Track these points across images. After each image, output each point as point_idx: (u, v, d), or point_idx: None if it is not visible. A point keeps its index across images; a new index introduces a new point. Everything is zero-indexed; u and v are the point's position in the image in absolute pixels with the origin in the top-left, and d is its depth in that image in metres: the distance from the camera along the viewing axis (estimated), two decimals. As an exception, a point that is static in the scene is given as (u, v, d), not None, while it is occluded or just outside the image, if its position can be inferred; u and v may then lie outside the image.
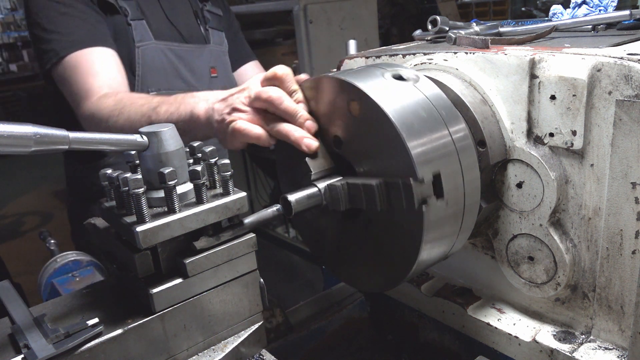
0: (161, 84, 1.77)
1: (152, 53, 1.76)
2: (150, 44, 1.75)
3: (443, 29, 1.20)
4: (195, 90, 1.81)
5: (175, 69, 1.82)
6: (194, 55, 1.89)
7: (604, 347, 0.91)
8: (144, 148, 0.84)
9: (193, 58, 1.89)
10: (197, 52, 1.91)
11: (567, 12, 1.26)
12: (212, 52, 1.97)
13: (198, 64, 1.90)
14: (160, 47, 1.78)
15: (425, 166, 0.79)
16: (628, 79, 0.79)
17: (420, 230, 0.80)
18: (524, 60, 0.89)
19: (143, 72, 1.73)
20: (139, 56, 1.72)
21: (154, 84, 1.75)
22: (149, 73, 1.74)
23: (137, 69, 1.71)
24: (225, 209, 0.86)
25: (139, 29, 1.73)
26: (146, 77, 1.74)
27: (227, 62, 2.05)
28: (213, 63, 1.97)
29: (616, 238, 0.86)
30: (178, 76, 1.82)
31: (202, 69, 1.92)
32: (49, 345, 0.76)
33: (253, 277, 0.94)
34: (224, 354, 0.91)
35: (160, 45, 1.78)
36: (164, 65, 1.79)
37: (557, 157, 0.91)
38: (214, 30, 2.02)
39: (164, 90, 1.76)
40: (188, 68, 1.86)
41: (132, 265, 0.83)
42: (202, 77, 1.91)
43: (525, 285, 0.99)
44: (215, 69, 1.96)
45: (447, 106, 0.85)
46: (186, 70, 1.85)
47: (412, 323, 1.23)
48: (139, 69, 1.72)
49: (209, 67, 1.94)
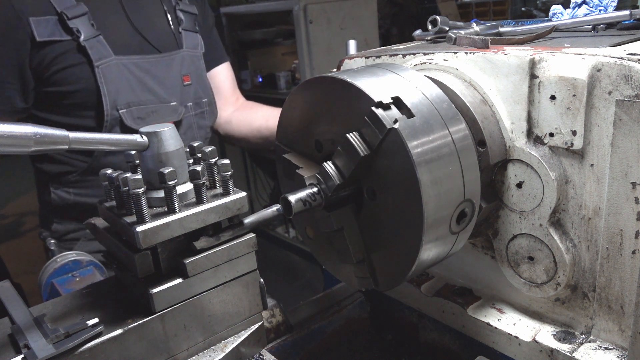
0: (130, 99, 1.71)
1: (114, 70, 1.68)
2: (111, 61, 1.67)
3: (443, 29, 1.20)
4: (166, 102, 1.80)
5: (142, 82, 1.75)
6: (162, 65, 1.82)
7: (604, 347, 0.91)
8: (144, 148, 0.85)
9: (162, 68, 1.81)
10: (167, 60, 1.83)
11: (567, 12, 1.26)
12: (184, 58, 1.89)
13: (168, 74, 1.83)
14: (122, 62, 1.70)
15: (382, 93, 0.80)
16: (628, 79, 0.79)
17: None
18: (524, 60, 0.89)
19: (108, 90, 1.67)
20: (101, 75, 1.65)
21: (122, 101, 1.69)
22: (115, 91, 1.68)
23: (102, 89, 1.65)
24: (225, 209, 0.86)
25: (96, 47, 1.65)
26: (113, 95, 1.67)
27: (201, 67, 1.97)
28: (186, 70, 1.89)
29: (616, 238, 0.86)
30: (146, 89, 1.76)
31: (173, 78, 1.84)
32: (49, 345, 0.76)
33: (253, 277, 0.94)
34: (224, 354, 0.91)
35: (122, 60, 1.70)
36: (129, 81, 1.72)
37: (557, 157, 0.91)
38: (187, 33, 1.94)
39: (134, 107, 1.71)
40: (156, 80, 1.78)
41: (132, 265, 0.83)
42: (173, 87, 1.84)
43: (525, 285, 1.00)
44: (188, 76, 1.89)
45: (447, 106, 0.86)
46: (154, 82, 1.78)
47: (412, 323, 1.23)
48: (104, 88, 1.65)
49: (180, 75, 1.87)
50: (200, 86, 1.95)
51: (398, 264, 0.87)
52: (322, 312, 1.26)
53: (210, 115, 2.01)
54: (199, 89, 1.94)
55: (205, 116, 1.98)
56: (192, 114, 1.91)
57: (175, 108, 1.82)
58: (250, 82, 5.19)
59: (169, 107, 1.80)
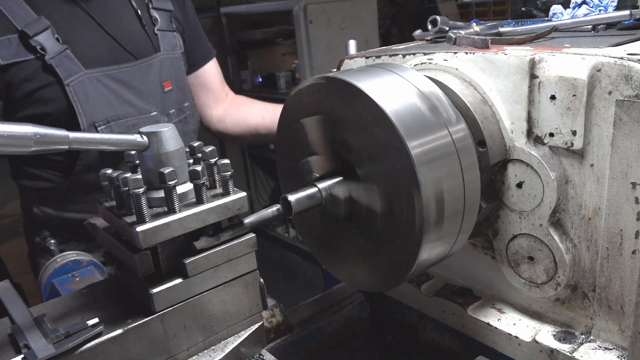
0: (107, 114, 1.58)
1: (87, 85, 1.54)
2: (82, 77, 1.54)
3: (443, 29, 1.20)
4: (146, 112, 1.67)
5: (118, 95, 1.61)
6: (139, 73, 1.67)
7: (604, 347, 0.91)
8: (144, 148, 0.85)
9: (139, 76, 1.67)
10: (144, 67, 1.69)
11: (567, 12, 1.26)
12: (163, 62, 1.75)
13: (146, 82, 1.69)
14: (94, 76, 1.56)
15: (428, 178, 0.79)
16: (628, 79, 0.79)
17: (418, 244, 0.81)
18: (524, 60, 0.89)
19: (83, 107, 1.53)
20: (72, 92, 1.51)
21: (99, 117, 1.56)
22: (90, 107, 1.55)
23: (76, 106, 1.52)
24: (225, 209, 0.86)
25: (64, 63, 1.51)
26: (88, 112, 1.55)
27: (180, 70, 1.84)
28: (165, 75, 1.75)
29: (616, 238, 0.86)
30: (124, 102, 1.62)
31: (152, 86, 1.70)
32: (49, 345, 0.76)
33: (253, 277, 0.94)
34: (224, 354, 0.91)
35: (94, 74, 1.56)
36: (105, 95, 1.58)
37: (557, 157, 0.91)
38: (164, 33, 1.78)
39: (113, 122, 1.59)
40: (134, 91, 1.65)
41: (132, 265, 0.83)
42: (153, 95, 1.70)
43: (525, 285, 1.00)
44: (168, 82, 1.75)
45: (447, 106, 0.86)
46: (131, 94, 1.64)
47: (412, 323, 1.23)
48: (77, 106, 1.52)
49: (160, 81, 1.73)
50: (181, 90, 1.83)
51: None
52: (322, 312, 1.26)
53: (192, 118, 1.90)
54: (180, 94, 1.82)
55: (189, 120, 1.88)
56: (175, 121, 1.79)
57: (156, 118, 1.70)
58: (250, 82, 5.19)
59: (149, 117, 1.68)
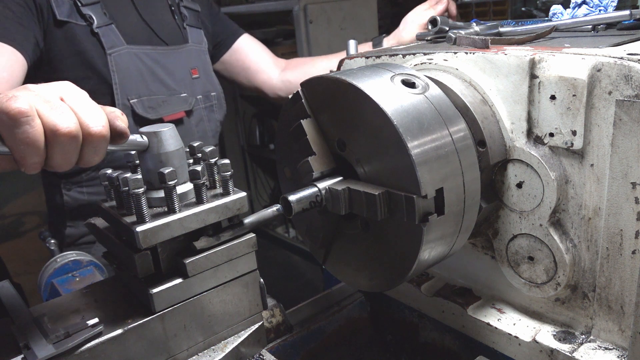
0: (141, 90, 1.71)
1: (126, 59, 1.68)
2: (123, 50, 1.67)
3: (443, 29, 1.21)
4: (177, 94, 1.80)
5: (154, 73, 1.75)
6: (172, 57, 1.83)
7: (604, 347, 0.91)
8: (144, 148, 0.85)
9: (171, 60, 1.82)
10: (176, 53, 1.84)
11: (567, 12, 1.26)
12: (191, 52, 1.90)
13: (177, 66, 1.84)
14: (134, 52, 1.70)
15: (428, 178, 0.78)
16: (628, 79, 0.79)
17: (418, 244, 0.81)
18: (524, 60, 0.89)
19: (120, 79, 1.66)
20: (112, 63, 1.64)
21: (133, 91, 1.69)
22: (126, 80, 1.67)
23: (113, 77, 1.65)
24: (225, 209, 0.86)
25: (108, 35, 1.65)
26: (124, 85, 1.67)
27: (207, 62, 1.99)
28: (193, 64, 1.90)
29: (616, 238, 0.86)
30: (157, 80, 1.76)
31: (182, 70, 1.86)
32: (49, 345, 0.76)
33: (253, 277, 0.94)
34: (224, 354, 0.91)
35: (134, 50, 1.70)
36: (141, 71, 1.72)
37: (557, 157, 0.91)
38: (192, 28, 1.94)
39: (145, 97, 1.71)
40: (167, 71, 1.79)
41: (132, 265, 0.83)
42: (183, 79, 1.85)
43: (525, 285, 1.00)
44: (196, 70, 1.90)
45: (447, 106, 0.86)
46: (165, 73, 1.79)
47: (412, 323, 1.23)
48: (115, 76, 1.65)
49: (189, 68, 1.88)
50: (208, 80, 1.95)
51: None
52: (322, 312, 1.26)
53: (219, 109, 2.02)
54: (207, 83, 1.95)
55: (215, 110, 1.99)
56: (202, 107, 1.92)
57: (185, 99, 1.83)
58: (251, 82, 5.18)
59: (179, 97, 1.81)
